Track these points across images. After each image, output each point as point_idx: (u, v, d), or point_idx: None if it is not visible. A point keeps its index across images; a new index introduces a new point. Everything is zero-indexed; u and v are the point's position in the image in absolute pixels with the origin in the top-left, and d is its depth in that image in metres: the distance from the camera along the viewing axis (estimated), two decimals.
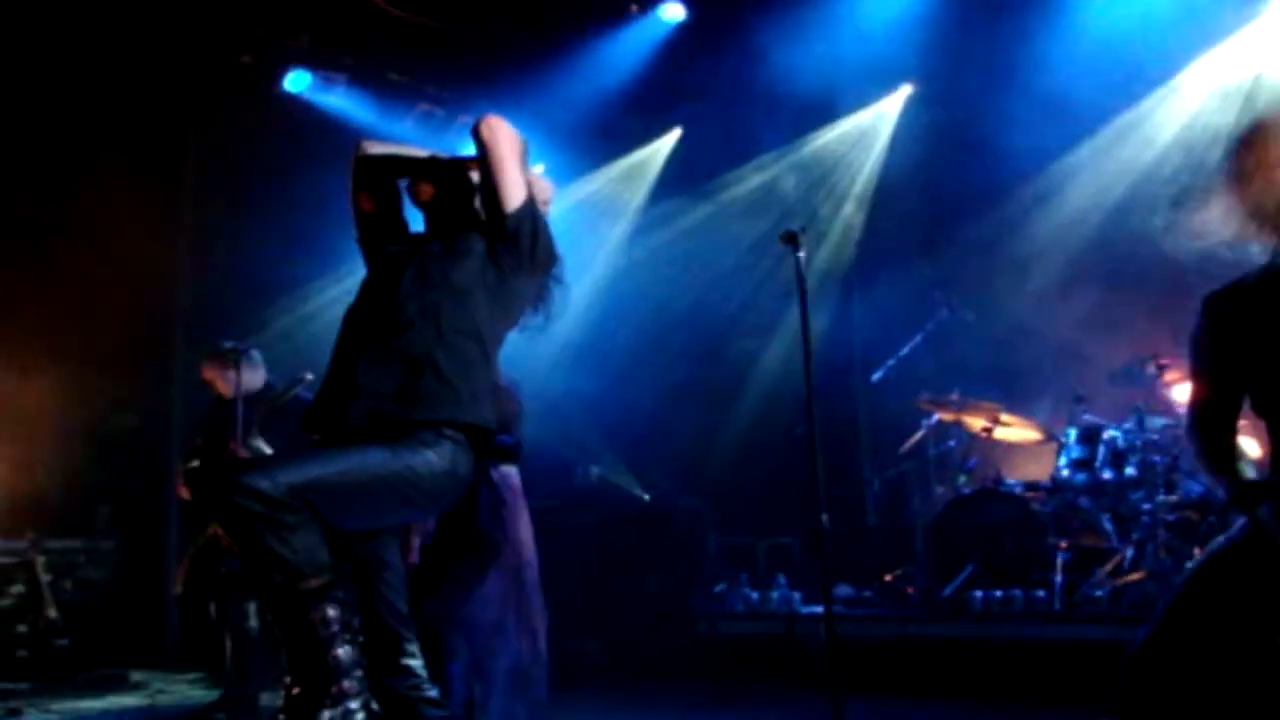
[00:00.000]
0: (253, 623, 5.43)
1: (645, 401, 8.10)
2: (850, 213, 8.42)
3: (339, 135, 7.75)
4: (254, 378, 5.69)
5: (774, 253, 4.10)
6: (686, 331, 7.93)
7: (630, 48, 7.90)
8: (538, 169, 3.54)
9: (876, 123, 8.36)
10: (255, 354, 5.80)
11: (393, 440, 3.04)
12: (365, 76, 8.15)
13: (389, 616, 3.28)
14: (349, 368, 3.17)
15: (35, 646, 6.97)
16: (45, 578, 7.09)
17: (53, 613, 7.03)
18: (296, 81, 8.08)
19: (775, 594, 7.40)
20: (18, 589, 7.14)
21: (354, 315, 3.34)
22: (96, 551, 7.64)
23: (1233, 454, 3.09)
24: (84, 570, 7.59)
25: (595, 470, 6.90)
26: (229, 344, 5.68)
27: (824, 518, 3.88)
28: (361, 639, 3.02)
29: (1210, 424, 3.09)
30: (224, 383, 5.68)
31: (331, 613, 2.89)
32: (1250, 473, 3.07)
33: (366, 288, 3.39)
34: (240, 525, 2.81)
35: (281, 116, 8.04)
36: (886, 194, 8.37)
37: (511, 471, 4.42)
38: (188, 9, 7.13)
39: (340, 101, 8.13)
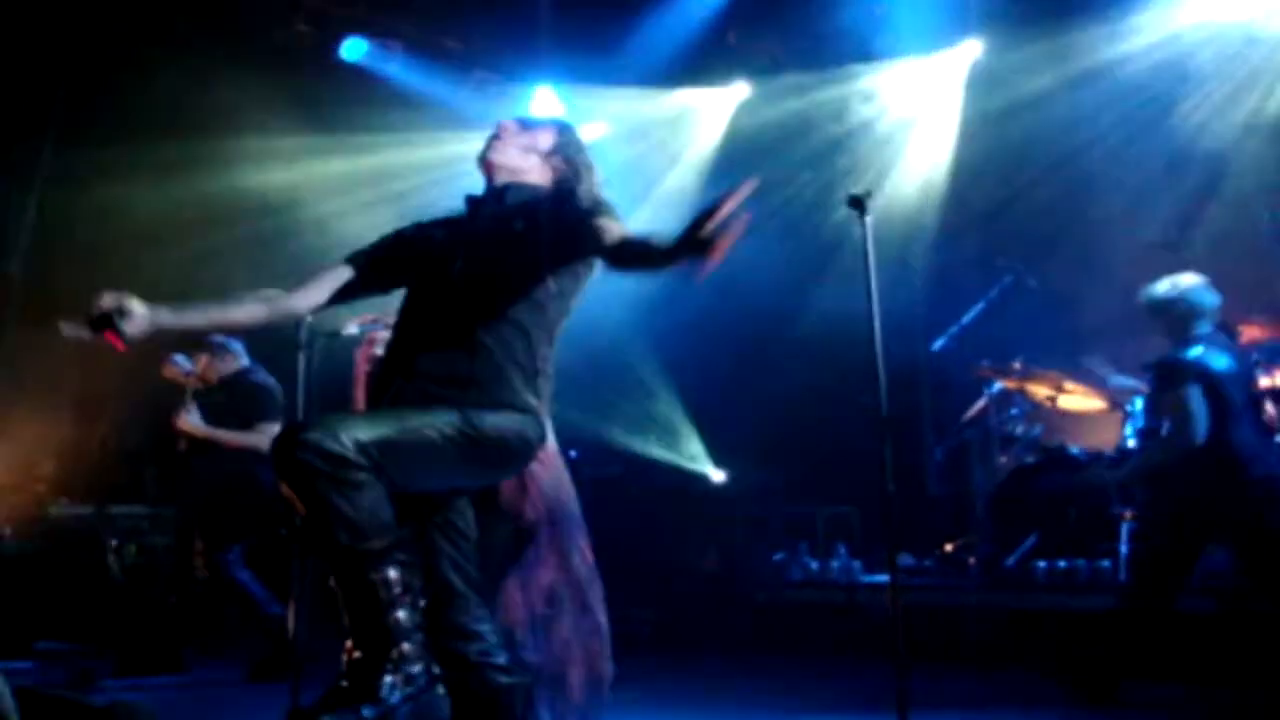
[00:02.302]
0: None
1: (719, 367, 8.07)
2: (922, 172, 8.27)
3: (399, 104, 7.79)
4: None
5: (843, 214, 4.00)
6: (758, 295, 7.78)
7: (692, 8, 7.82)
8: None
9: (946, 78, 8.18)
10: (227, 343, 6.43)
11: (461, 404, 3.04)
12: (422, 44, 8.12)
13: (457, 580, 3.24)
14: (406, 352, 3.19)
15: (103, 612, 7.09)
16: (112, 543, 7.23)
17: (118, 576, 7.16)
18: (353, 49, 8.07)
19: (835, 563, 7.37)
20: (83, 554, 7.23)
21: (408, 298, 3.35)
22: (159, 518, 7.72)
23: None
24: (149, 537, 7.68)
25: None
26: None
27: (890, 487, 3.84)
28: (424, 602, 3.00)
29: None
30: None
31: (393, 574, 2.87)
32: None
33: (413, 272, 3.37)
34: (305, 482, 2.80)
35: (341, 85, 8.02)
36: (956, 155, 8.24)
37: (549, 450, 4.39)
38: None
39: (398, 70, 8.12)
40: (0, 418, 7.57)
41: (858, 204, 3.98)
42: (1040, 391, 7.12)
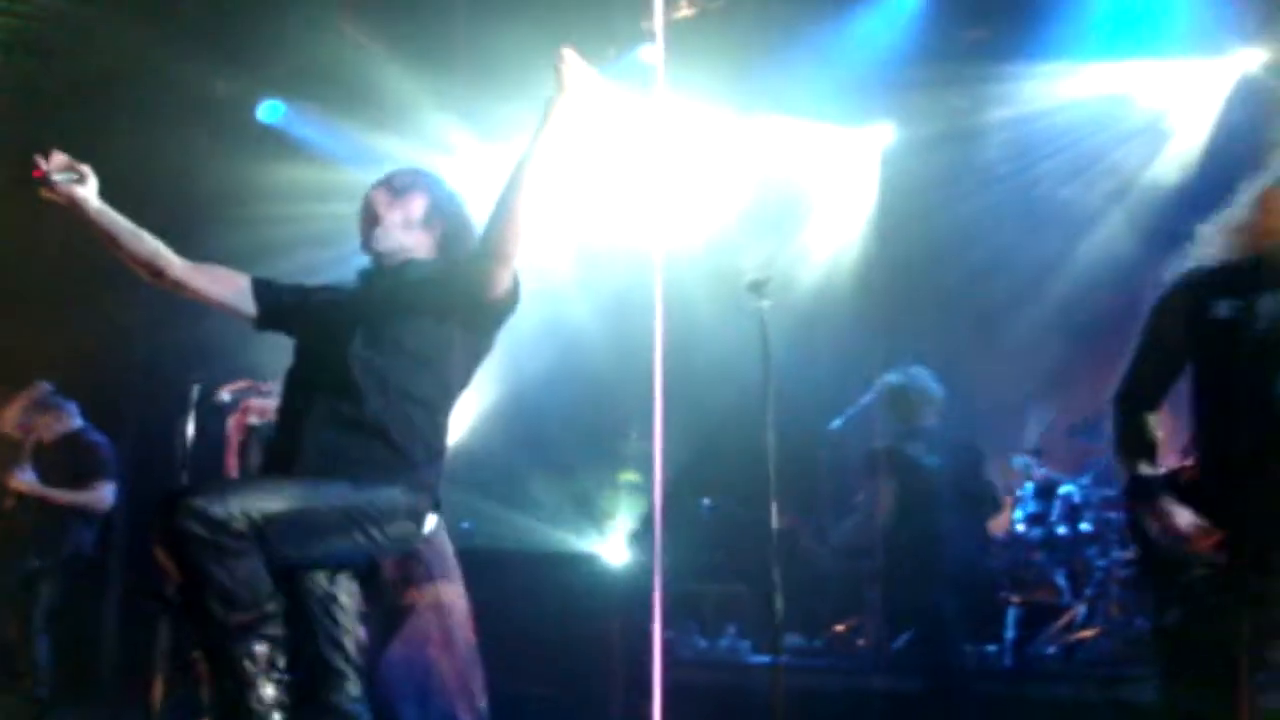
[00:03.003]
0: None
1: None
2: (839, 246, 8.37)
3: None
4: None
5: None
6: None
7: None
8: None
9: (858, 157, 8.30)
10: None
11: (355, 477, 3.02)
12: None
13: (335, 656, 3.17)
14: (296, 429, 3.15)
15: None
16: None
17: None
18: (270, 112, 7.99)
19: (724, 642, 7.34)
20: None
21: (299, 368, 3.31)
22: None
23: (1150, 439, 3.35)
24: None
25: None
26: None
27: (775, 574, 3.86)
28: (295, 678, 2.95)
29: (1137, 401, 3.36)
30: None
31: (260, 649, 2.84)
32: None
33: (307, 339, 3.35)
34: (182, 547, 2.75)
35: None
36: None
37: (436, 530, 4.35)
38: None
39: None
40: None
41: (757, 288, 4.05)
42: None
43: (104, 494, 6.28)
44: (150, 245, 3.31)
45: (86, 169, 3.23)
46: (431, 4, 6.90)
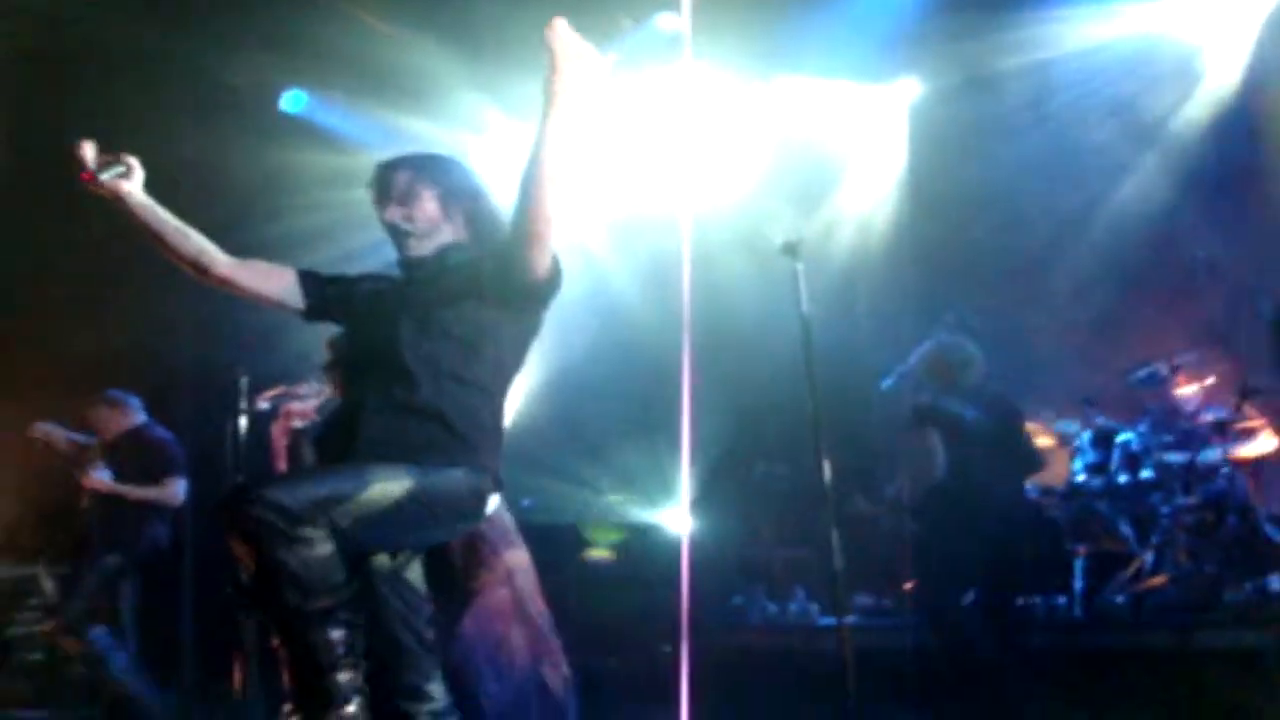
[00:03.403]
0: None
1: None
2: (871, 205, 8.26)
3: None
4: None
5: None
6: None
7: None
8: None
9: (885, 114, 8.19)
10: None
11: (418, 463, 3.03)
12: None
13: (407, 637, 3.18)
14: (353, 418, 3.16)
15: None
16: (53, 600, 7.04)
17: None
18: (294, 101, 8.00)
19: (793, 606, 7.30)
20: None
21: (354, 356, 3.34)
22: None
23: None
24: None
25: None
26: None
27: (834, 536, 3.82)
28: (371, 662, 2.96)
29: None
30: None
31: (336, 635, 2.85)
32: None
33: (356, 329, 3.36)
34: (256, 538, 2.77)
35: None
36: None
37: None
38: None
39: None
40: None
41: (790, 250, 3.99)
42: None
43: (176, 489, 6.32)
44: (196, 242, 3.29)
45: (133, 161, 3.20)
46: None
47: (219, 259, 3.30)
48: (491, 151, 7.38)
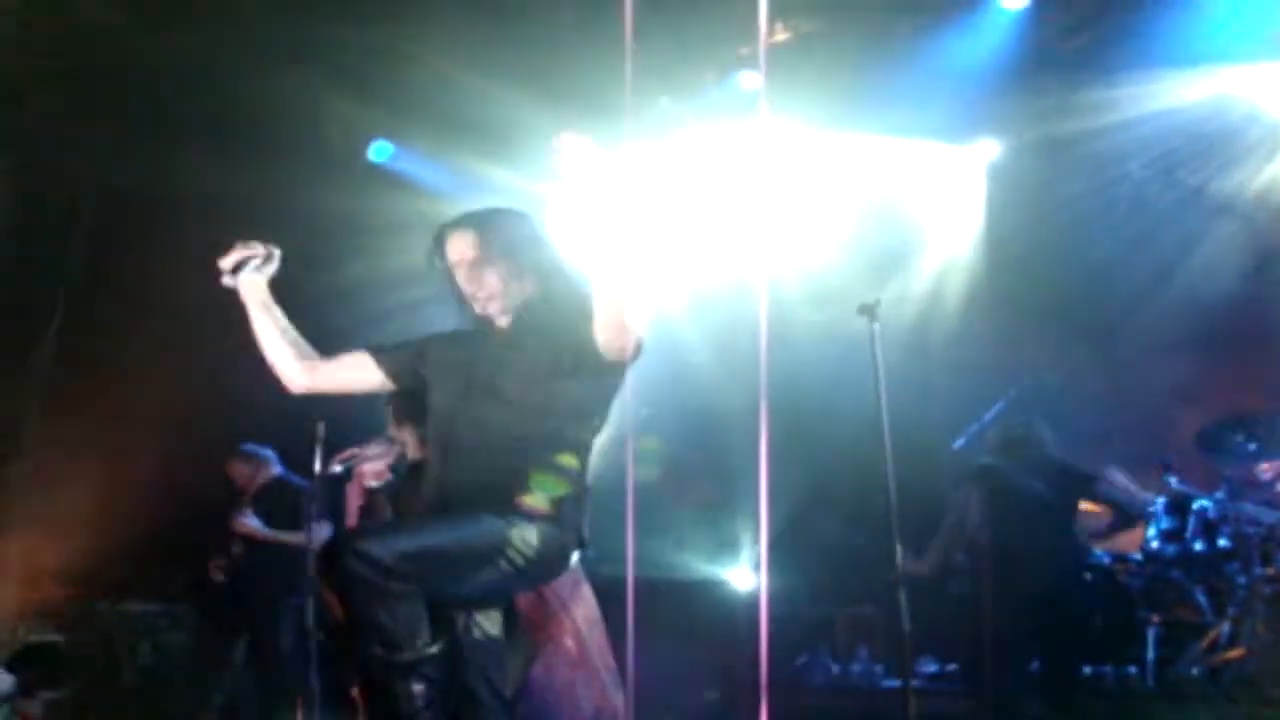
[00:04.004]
0: None
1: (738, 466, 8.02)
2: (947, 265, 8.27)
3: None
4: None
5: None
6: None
7: None
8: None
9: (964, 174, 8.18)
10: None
11: (508, 517, 3.10)
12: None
13: (483, 690, 3.25)
14: (439, 472, 3.25)
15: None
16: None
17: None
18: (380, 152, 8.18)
19: (856, 667, 7.23)
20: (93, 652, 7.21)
21: (433, 421, 3.37)
22: (174, 615, 7.66)
23: None
24: (164, 634, 7.60)
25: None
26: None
27: (901, 595, 3.81)
28: (450, 714, 3.04)
29: None
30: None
31: (418, 688, 2.94)
32: None
33: (438, 387, 3.40)
34: (350, 588, 2.87)
35: None
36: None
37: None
38: None
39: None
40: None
41: (868, 310, 4.02)
42: None
43: (322, 533, 6.47)
44: (298, 349, 3.43)
45: (275, 251, 3.35)
46: (537, 35, 6.98)
47: (300, 376, 3.42)
48: (571, 199, 7.49)
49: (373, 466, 4.73)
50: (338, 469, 4.84)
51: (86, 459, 7.48)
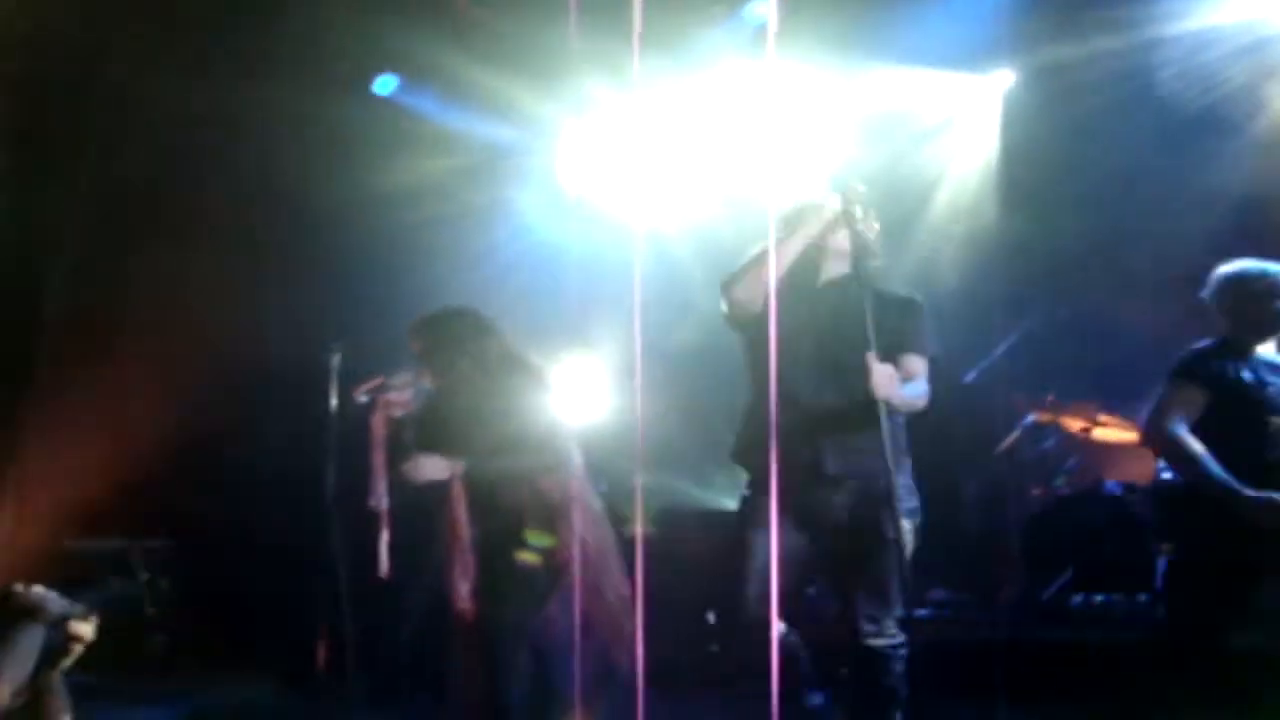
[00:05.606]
0: None
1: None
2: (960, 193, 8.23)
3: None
4: None
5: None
6: None
7: None
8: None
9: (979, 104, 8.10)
10: None
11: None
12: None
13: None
14: (805, 415, 3.75)
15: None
16: (143, 575, 7.25)
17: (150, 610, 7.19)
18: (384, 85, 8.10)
19: None
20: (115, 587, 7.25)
21: (794, 344, 3.77)
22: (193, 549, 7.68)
23: None
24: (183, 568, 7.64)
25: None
26: None
27: (905, 523, 3.89)
28: None
29: None
30: None
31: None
32: None
33: (799, 320, 3.85)
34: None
35: None
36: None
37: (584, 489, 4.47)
38: None
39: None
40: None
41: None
42: (1074, 424, 7.05)
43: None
44: None
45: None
46: None
47: None
48: (595, 130, 7.45)
49: (397, 396, 4.74)
50: (362, 398, 4.85)
51: (106, 397, 7.50)
